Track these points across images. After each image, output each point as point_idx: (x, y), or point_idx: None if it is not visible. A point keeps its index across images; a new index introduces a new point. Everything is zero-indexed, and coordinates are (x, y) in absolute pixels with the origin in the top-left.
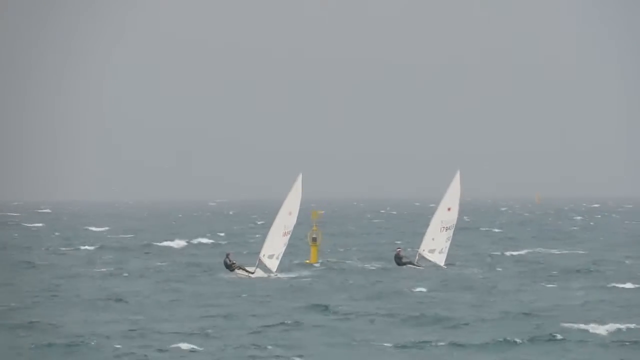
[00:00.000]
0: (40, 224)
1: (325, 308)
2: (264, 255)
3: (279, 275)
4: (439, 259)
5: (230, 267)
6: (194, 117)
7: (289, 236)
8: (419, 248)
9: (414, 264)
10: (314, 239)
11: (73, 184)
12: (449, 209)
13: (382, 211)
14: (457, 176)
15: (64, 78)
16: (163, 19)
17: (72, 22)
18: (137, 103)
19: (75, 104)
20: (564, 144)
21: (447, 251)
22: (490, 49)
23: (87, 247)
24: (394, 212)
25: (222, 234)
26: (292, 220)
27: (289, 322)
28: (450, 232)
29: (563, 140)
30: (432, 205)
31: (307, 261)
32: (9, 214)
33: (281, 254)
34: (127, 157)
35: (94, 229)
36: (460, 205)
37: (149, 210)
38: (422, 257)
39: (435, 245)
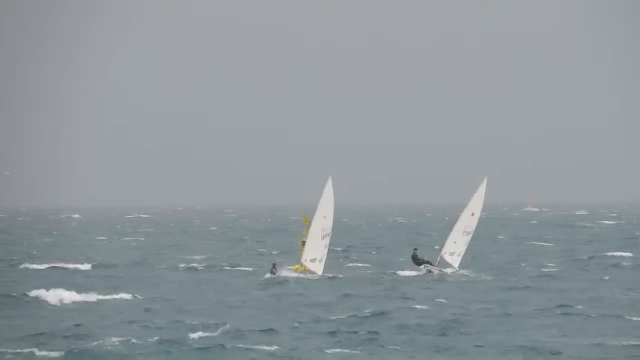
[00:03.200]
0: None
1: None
2: (305, 259)
3: (327, 275)
4: (455, 262)
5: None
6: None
7: (328, 238)
8: (441, 250)
9: (431, 264)
10: (304, 243)
11: (74, 187)
12: (472, 214)
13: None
14: (484, 183)
15: (64, 78)
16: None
17: (72, 21)
18: (140, 102)
19: (76, 104)
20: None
21: (462, 254)
22: (490, 34)
23: None
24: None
25: None
26: (328, 223)
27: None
28: (469, 237)
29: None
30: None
31: (297, 266)
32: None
33: (324, 257)
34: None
35: None
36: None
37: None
38: (443, 259)
39: (455, 248)
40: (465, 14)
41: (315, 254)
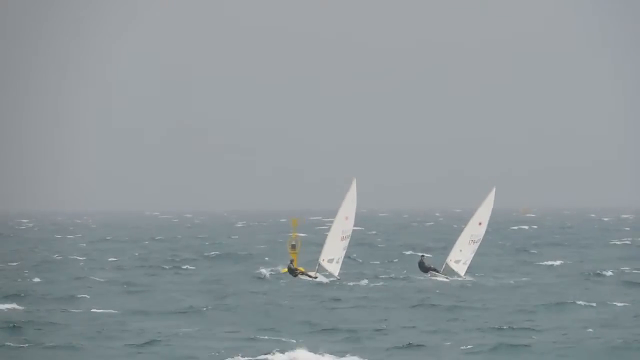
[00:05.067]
0: None
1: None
2: (323, 259)
3: (340, 278)
4: (461, 270)
5: (294, 272)
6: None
7: (347, 240)
8: (447, 258)
9: (437, 272)
10: (293, 246)
11: (74, 189)
12: (479, 224)
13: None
14: (492, 193)
15: (66, 78)
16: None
17: (71, 21)
18: (141, 102)
19: (77, 104)
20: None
21: (469, 263)
22: (490, 35)
23: None
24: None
25: None
26: (350, 225)
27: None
28: (477, 246)
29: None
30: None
31: (284, 270)
32: None
33: (341, 258)
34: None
35: None
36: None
37: None
38: (449, 267)
39: (461, 257)
40: (465, 15)
41: (332, 255)
